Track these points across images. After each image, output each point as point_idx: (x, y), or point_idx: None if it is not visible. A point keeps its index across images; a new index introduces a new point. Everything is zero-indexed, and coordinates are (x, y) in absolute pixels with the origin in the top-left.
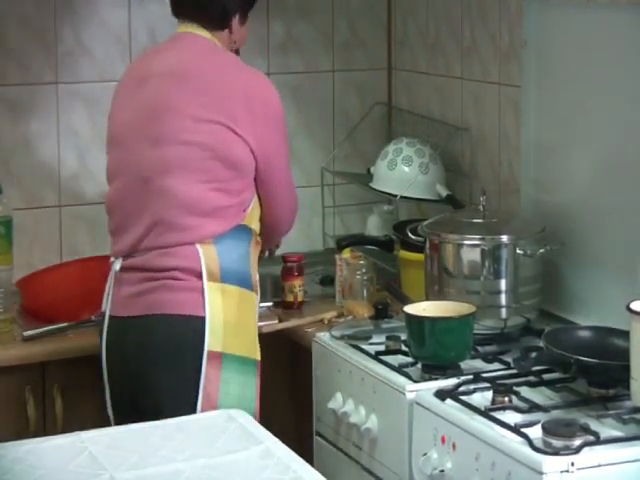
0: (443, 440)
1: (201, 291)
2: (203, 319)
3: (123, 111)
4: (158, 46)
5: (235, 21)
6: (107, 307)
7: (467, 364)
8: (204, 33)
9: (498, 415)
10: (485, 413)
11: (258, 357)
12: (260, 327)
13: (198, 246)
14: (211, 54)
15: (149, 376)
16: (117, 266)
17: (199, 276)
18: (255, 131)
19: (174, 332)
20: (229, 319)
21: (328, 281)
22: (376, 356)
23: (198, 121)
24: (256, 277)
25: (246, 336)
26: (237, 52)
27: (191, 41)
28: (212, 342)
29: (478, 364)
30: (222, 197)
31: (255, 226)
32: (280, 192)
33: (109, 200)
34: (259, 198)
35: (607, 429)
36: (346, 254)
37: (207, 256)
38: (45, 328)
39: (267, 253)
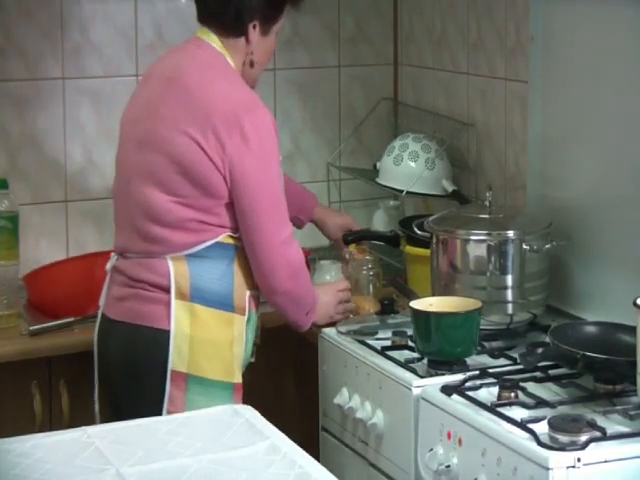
0: (449, 436)
1: (168, 305)
2: (168, 332)
3: (130, 107)
4: (174, 47)
5: (253, 30)
6: (102, 303)
7: (473, 360)
8: (215, 42)
9: (504, 411)
10: (491, 409)
11: (236, 380)
12: (265, 322)
13: (170, 261)
14: (209, 66)
15: (119, 385)
16: (110, 265)
17: (168, 291)
18: (233, 154)
19: (141, 344)
20: (197, 339)
21: None
22: (382, 351)
23: (174, 131)
24: (243, 298)
25: (219, 359)
26: (251, 64)
27: (196, 47)
28: (176, 361)
29: (484, 360)
30: (186, 210)
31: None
32: (260, 227)
33: (113, 189)
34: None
35: (614, 425)
36: (352, 249)
37: (177, 273)
38: (51, 323)
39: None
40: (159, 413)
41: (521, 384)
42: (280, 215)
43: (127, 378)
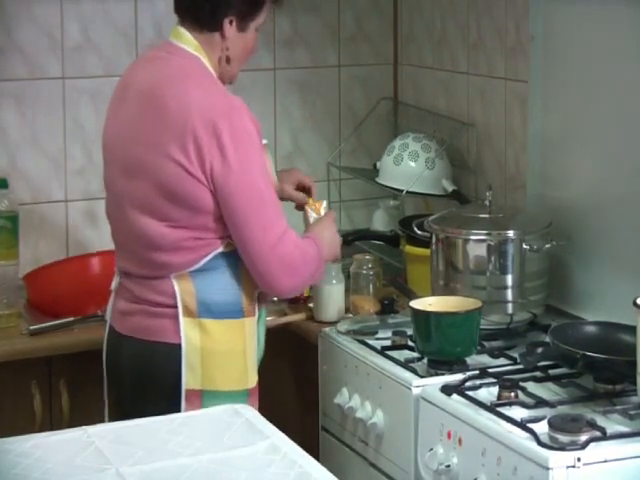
0: (449, 435)
1: (176, 319)
2: (178, 346)
3: (110, 122)
4: (147, 54)
5: (230, 26)
6: (109, 315)
7: (473, 359)
8: (188, 43)
9: (504, 410)
10: (491, 408)
11: (250, 385)
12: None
13: (174, 280)
14: (183, 74)
15: (131, 402)
16: (114, 285)
17: (175, 307)
18: (213, 162)
19: (151, 358)
20: (208, 353)
21: None
22: (382, 351)
23: (156, 155)
24: (252, 299)
25: (233, 368)
26: (227, 60)
27: (170, 55)
28: (189, 379)
29: (484, 359)
30: (181, 232)
31: None
32: (246, 233)
33: (106, 208)
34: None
35: (613, 424)
36: (310, 201)
37: (183, 290)
38: (51, 323)
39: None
40: None
41: (521, 384)
42: (267, 217)
43: (139, 394)
